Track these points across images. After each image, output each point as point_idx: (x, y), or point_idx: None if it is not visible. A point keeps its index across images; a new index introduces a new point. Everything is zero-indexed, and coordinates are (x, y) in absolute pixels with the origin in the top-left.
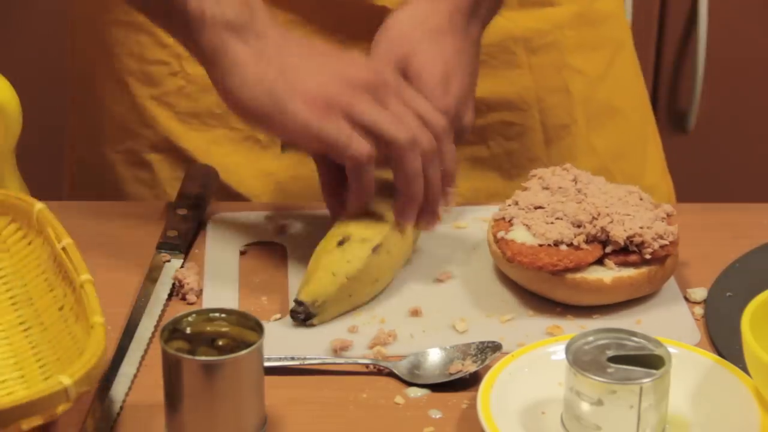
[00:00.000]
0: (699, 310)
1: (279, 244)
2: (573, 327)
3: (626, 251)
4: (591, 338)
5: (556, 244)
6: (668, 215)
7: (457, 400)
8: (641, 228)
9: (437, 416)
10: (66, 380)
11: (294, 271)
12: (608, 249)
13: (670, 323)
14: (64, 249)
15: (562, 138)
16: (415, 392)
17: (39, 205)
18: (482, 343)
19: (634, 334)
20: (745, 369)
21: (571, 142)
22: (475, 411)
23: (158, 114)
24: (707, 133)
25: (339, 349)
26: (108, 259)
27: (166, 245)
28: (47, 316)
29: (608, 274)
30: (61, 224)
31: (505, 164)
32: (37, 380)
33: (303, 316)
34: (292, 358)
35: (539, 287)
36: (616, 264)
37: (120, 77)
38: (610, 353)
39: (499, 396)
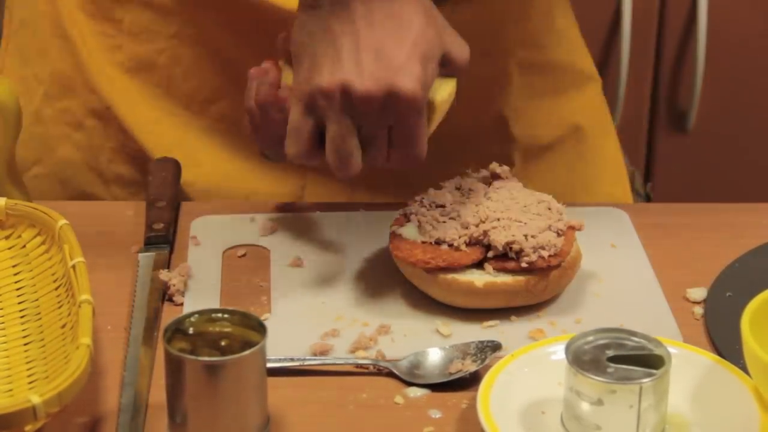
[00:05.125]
0: (699, 310)
1: (262, 246)
2: (556, 332)
3: (507, 258)
4: (591, 338)
5: (438, 242)
6: (571, 228)
7: (457, 399)
8: (524, 236)
9: (437, 416)
10: (35, 399)
11: (277, 273)
12: (490, 253)
13: (654, 328)
14: (74, 267)
15: None
16: (414, 392)
17: (62, 221)
18: (482, 342)
19: (634, 333)
20: (744, 369)
21: None
22: (474, 411)
23: (110, 79)
24: (707, 133)
25: (318, 353)
26: (109, 258)
27: (154, 238)
28: (49, 332)
29: (482, 278)
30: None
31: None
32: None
33: None
34: (292, 359)
35: (418, 283)
36: (494, 269)
37: (66, 33)
38: (610, 353)
39: (498, 396)
